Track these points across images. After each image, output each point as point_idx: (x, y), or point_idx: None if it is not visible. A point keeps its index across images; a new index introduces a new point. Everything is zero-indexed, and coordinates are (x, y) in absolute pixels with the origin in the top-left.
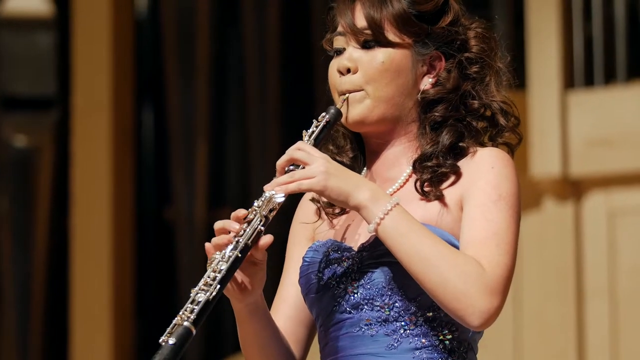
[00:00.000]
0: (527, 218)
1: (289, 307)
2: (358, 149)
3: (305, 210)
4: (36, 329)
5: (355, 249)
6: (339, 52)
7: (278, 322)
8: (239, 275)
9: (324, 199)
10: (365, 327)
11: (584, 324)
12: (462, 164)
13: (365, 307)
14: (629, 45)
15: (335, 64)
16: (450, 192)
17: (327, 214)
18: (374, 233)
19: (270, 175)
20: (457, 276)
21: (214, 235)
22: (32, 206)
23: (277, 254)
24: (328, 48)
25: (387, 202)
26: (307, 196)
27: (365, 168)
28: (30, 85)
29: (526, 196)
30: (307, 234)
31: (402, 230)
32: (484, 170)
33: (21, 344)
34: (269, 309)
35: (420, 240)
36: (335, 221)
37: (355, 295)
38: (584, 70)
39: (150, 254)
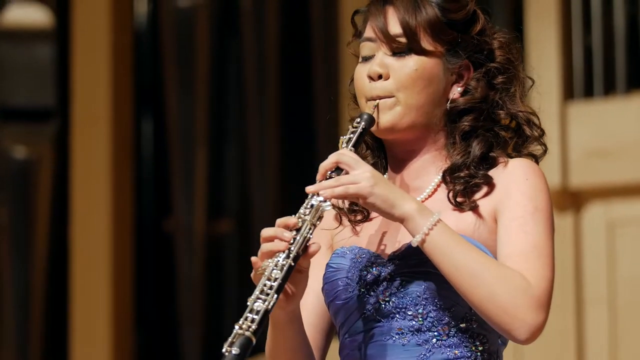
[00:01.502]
0: None
1: (309, 314)
2: (378, 156)
3: (324, 216)
4: (36, 339)
5: (385, 257)
6: (367, 58)
7: None
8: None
9: (347, 205)
10: (397, 336)
11: (584, 334)
12: (494, 174)
13: (397, 316)
14: (629, 56)
15: (364, 70)
16: (484, 204)
17: (349, 220)
18: (419, 246)
19: (271, 187)
20: (506, 290)
21: (213, 246)
22: (31, 217)
23: None
24: (352, 53)
25: (432, 215)
26: None
27: (385, 175)
28: (30, 96)
29: None
30: (326, 241)
31: (449, 244)
32: (518, 181)
33: (21, 354)
34: None
35: (467, 254)
36: (357, 228)
37: (388, 303)
38: (584, 82)
39: (150, 265)
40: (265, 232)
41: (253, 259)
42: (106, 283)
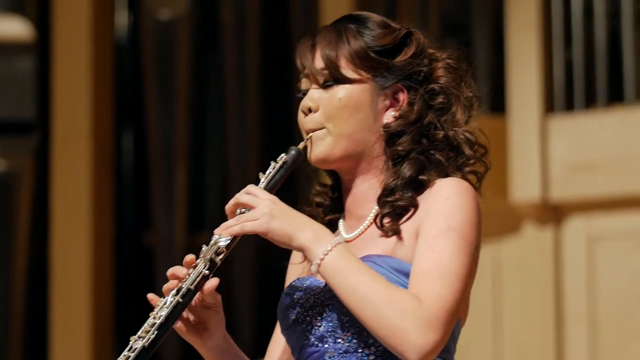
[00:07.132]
0: (507, 243)
1: (280, 350)
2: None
3: (296, 252)
4: (16, 353)
5: (321, 281)
6: (304, 92)
7: None
8: (193, 319)
9: None
10: None
11: (564, 349)
12: (422, 196)
13: (329, 339)
14: (610, 69)
15: (300, 105)
16: (408, 225)
17: None
18: (317, 273)
19: None
20: (393, 312)
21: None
22: (11, 230)
23: None
24: (299, 89)
25: (328, 242)
26: None
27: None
28: (10, 109)
29: (506, 221)
30: (297, 274)
31: (340, 269)
32: (438, 201)
33: None
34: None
35: (357, 278)
36: None
37: (320, 328)
38: (565, 95)
39: (130, 278)
40: (168, 271)
41: (149, 295)
42: (86, 296)
